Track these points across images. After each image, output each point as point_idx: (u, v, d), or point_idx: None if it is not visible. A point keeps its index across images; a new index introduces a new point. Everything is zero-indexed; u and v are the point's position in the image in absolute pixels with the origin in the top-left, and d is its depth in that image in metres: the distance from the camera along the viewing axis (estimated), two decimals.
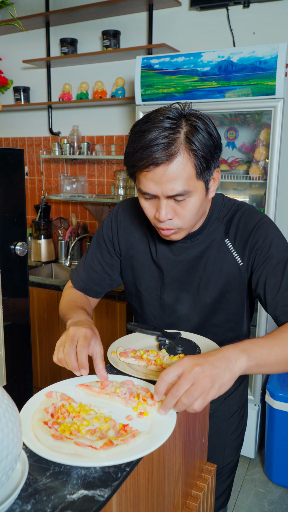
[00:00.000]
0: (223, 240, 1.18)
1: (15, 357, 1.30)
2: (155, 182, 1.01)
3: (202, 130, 1.01)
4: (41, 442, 0.74)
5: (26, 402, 0.86)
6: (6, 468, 0.60)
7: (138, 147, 0.99)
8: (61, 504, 0.62)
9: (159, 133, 0.98)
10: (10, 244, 1.17)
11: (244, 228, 1.16)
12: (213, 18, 2.73)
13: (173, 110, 1.03)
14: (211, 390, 0.78)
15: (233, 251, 1.17)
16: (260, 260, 1.12)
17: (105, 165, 3.30)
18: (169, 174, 0.99)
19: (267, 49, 2.12)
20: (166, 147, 0.97)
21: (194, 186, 1.03)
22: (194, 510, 1.03)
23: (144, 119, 1.04)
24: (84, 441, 0.73)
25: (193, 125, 1.01)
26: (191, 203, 1.05)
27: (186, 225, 1.08)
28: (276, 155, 2.20)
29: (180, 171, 1.00)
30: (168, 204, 1.04)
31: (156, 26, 2.92)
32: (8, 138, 3.71)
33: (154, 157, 0.97)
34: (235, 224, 1.17)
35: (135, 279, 1.30)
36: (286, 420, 2.27)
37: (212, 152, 1.03)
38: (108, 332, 2.73)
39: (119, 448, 0.73)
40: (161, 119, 1.00)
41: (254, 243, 1.14)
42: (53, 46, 3.33)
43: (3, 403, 0.61)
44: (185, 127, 1.00)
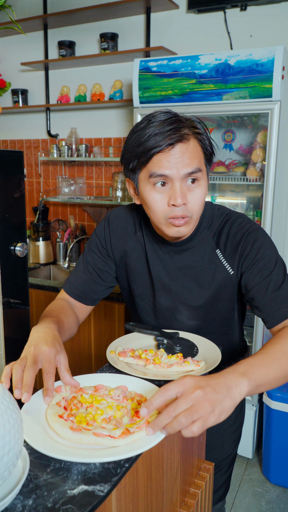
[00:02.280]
0: (214, 251, 1.20)
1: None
2: (170, 163, 1.05)
3: (201, 129, 1.10)
4: (60, 435, 0.76)
5: None
6: (8, 464, 0.61)
7: (152, 133, 1.04)
8: (62, 499, 0.63)
9: (164, 122, 1.05)
10: (10, 245, 1.18)
11: (233, 238, 1.18)
12: (211, 21, 2.75)
13: (171, 111, 1.09)
14: (210, 415, 0.75)
15: (223, 261, 1.19)
16: (248, 264, 1.15)
17: (103, 167, 3.31)
18: (183, 153, 1.05)
19: (264, 52, 2.14)
20: (178, 130, 1.04)
21: (203, 168, 1.10)
22: (192, 507, 1.04)
23: (144, 120, 1.09)
24: (102, 431, 0.76)
25: (193, 126, 1.09)
26: (200, 188, 1.10)
27: (196, 213, 1.11)
28: (273, 157, 2.21)
29: (193, 150, 1.07)
30: (182, 188, 1.07)
31: (154, 29, 2.94)
32: (6, 140, 3.72)
33: (169, 138, 1.03)
34: (225, 235, 1.20)
35: (129, 285, 1.32)
36: (284, 420, 2.28)
37: (210, 143, 1.11)
38: (107, 334, 2.74)
39: (136, 436, 0.75)
40: (162, 115, 1.07)
41: (243, 250, 1.16)
42: (51, 49, 3.35)
43: (5, 400, 0.63)
44: (185, 120, 1.09)
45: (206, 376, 0.82)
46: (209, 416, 0.75)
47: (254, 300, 1.13)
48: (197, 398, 0.75)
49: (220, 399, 0.77)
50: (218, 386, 0.78)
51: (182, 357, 1.09)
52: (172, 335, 1.19)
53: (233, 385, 0.80)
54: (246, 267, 1.15)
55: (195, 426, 0.73)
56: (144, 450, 0.73)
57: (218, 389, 0.78)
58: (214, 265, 1.20)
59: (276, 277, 1.11)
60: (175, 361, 1.07)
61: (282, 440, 2.30)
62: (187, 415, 0.73)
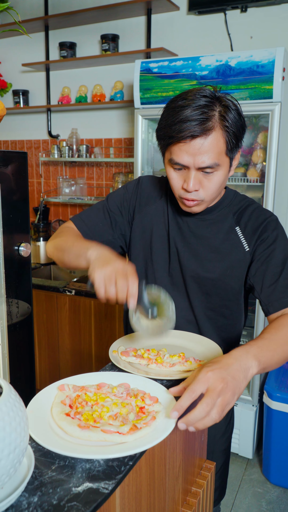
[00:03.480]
0: (233, 228, 1.25)
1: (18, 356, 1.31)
2: (189, 154, 1.08)
3: (233, 110, 1.10)
4: (69, 433, 0.77)
5: (28, 400, 0.87)
6: (14, 461, 0.61)
7: (176, 120, 1.06)
8: (67, 496, 0.64)
9: (197, 109, 1.05)
10: (14, 245, 1.19)
11: (256, 219, 1.23)
12: (211, 22, 2.76)
13: (207, 90, 1.10)
14: (231, 401, 0.80)
15: (241, 237, 1.23)
16: (263, 248, 1.19)
17: (103, 167, 3.32)
18: (204, 147, 1.06)
19: (265, 53, 2.15)
20: (203, 122, 1.05)
21: (222, 161, 1.11)
22: (194, 506, 1.05)
23: (181, 96, 1.11)
24: (110, 428, 0.77)
25: (226, 105, 1.09)
26: (217, 177, 1.12)
27: (209, 197, 1.16)
28: (273, 158, 2.22)
29: (214, 145, 1.07)
30: (197, 176, 1.11)
31: (155, 30, 2.95)
32: (7, 141, 3.73)
33: (193, 130, 1.04)
34: (247, 216, 1.24)
35: (145, 247, 1.33)
36: (284, 421, 2.28)
37: (240, 131, 1.12)
38: (107, 334, 2.75)
39: (144, 431, 0.77)
40: (198, 97, 1.08)
41: (262, 233, 1.21)
42: (52, 50, 3.36)
43: (11, 397, 0.63)
44: (219, 106, 1.08)
45: (222, 362, 0.85)
46: (231, 402, 0.80)
47: (264, 283, 1.16)
48: (223, 391, 0.79)
49: (239, 385, 0.83)
50: (237, 373, 0.83)
51: (184, 357, 1.10)
52: None
53: (248, 368, 0.86)
54: (260, 252, 1.19)
55: (218, 414, 0.78)
56: (154, 445, 0.75)
57: (237, 375, 0.83)
58: (231, 240, 1.24)
59: (287, 269, 1.16)
60: (178, 361, 1.08)
61: (282, 441, 2.31)
62: (219, 410, 0.78)
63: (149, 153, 2.70)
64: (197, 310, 1.30)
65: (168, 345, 1.21)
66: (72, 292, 2.82)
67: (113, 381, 0.98)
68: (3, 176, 1.17)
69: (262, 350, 0.91)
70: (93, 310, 2.78)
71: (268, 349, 0.93)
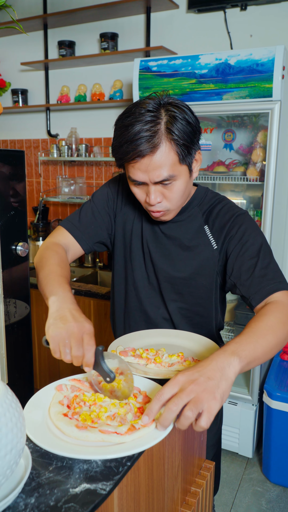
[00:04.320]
0: (202, 227, 1.26)
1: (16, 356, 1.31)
2: (142, 171, 1.09)
3: (180, 119, 1.08)
4: (66, 434, 0.77)
5: (27, 401, 0.87)
6: (11, 462, 0.61)
7: (123, 141, 1.07)
8: (64, 497, 0.63)
9: (141, 126, 1.05)
10: (11, 245, 1.18)
11: (223, 216, 1.24)
12: (211, 20, 2.75)
13: (152, 102, 1.09)
14: (212, 402, 0.76)
15: (210, 236, 1.25)
16: (234, 244, 1.20)
17: (103, 167, 3.32)
18: (154, 163, 1.07)
19: (264, 52, 2.15)
20: (149, 139, 1.05)
21: (178, 170, 1.11)
22: (193, 506, 1.04)
23: (126, 113, 1.10)
24: (108, 428, 0.76)
25: (172, 115, 1.08)
26: (177, 186, 1.13)
27: (174, 206, 1.17)
28: (273, 157, 2.22)
29: (164, 159, 1.07)
30: (156, 189, 1.13)
31: (154, 29, 2.94)
32: (6, 140, 3.72)
33: (139, 150, 1.05)
34: (215, 214, 1.26)
35: (125, 246, 1.35)
36: (284, 420, 2.28)
37: (191, 138, 1.11)
38: (107, 333, 2.75)
39: (142, 431, 0.77)
40: (142, 112, 1.07)
41: (230, 230, 1.21)
42: (51, 49, 3.35)
43: (7, 398, 0.63)
44: (165, 117, 1.07)
45: (197, 365, 0.83)
46: (211, 404, 0.76)
47: (241, 277, 1.15)
48: (195, 391, 0.76)
49: (216, 384, 0.78)
50: (211, 372, 0.80)
51: (183, 356, 1.09)
52: None
53: (226, 366, 0.82)
54: (233, 249, 1.20)
55: (202, 421, 0.75)
56: (152, 445, 0.75)
57: (212, 375, 0.79)
58: (200, 239, 1.25)
59: (262, 259, 1.15)
60: (176, 360, 1.07)
61: (282, 440, 2.31)
62: (192, 407, 0.75)
63: None
64: (171, 309, 1.32)
65: (166, 344, 1.20)
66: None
67: None
68: (0, 175, 1.16)
69: (241, 345, 0.88)
70: (93, 310, 2.78)
71: (249, 342, 0.90)
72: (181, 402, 0.76)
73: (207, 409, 0.75)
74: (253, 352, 0.89)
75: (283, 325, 0.99)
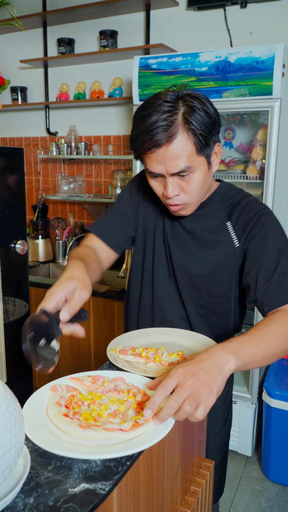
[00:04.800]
0: (224, 223, 1.24)
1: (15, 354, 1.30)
2: (159, 162, 1.08)
3: (198, 109, 1.07)
4: (70, 434, 0.76)
5: (26, 399, 0.87)
6: (9, 462, 0.60)
7: (140, 132, 1.07)
8: (63, 497, 0.63)
9: (158, 116, 1.04)
10: (10, 243, 1.17)
11: (246, 214, 1.21)
12: (211, 18, 2.74)
13: (170, 94, 1.09)
14: (209, 396, 0.78)
15: (232, 233, 1.22)
16: (255, 245, 1.17)
17: (102, 165, 3.31)
18: (171, 153, 1.06)
19: (264, 49, 2.14)
20: (165, 129, 1.04)
21: (196, 162, 1.09)
22: (192, 505, 1.04)
23: (144, 105, 1.10)
24: (112, 426, 0.76)
25: (190, 106, 1.07)
26: (195, 178, 1.11)
27: (193, 199, 1.15)
28: (273, 155, 2.21)
29: (180, 150, 1.06)
30: (174, 181, 1.11)
31: (154, 26, 2.93)
32: (5, 138, 3.71)
33: (155, 140, 1.04)
34: (238, 210, 1.23)
35: (147, 240, 1.34)
36: (283, 418, 2.28)
37: (210, 129, 1.09)
38: (106, 332, 2.74)
39: (146, 427, 0.77)
40: (160, 103, 1.06)
41: (253, 228, 1.19)
42: (50, 46, 3.34)
43: (6, 397, 0.62)
44: (183, 108, 1.06)
45: (195, 359, 0.84)
46: (209, 397, 0.78)
47: (258, 281, 1.13)
48: (194, 385, 0.78)
49: (214, 379, 0.80)
50: (210, 367, 0.82)
51: (183, 355, 1.09)
52: None
53: (223, 362, 0.84)
54: (253, 249, 1.17)
55: (198, 412, 0.77)
56: (159, 440, 0.75)
57: (210, 369, 0.81)
58: (221, 235, 1.23)
59: (281, 265, 1.12)
60: (176, 359, 1.07)
61: (281, 438, 2.31)
62: (191, 402, 0.77)
63: None
64: (188, 307, 1.30)
65: (166, 343, 1.20)
66: None
67: None
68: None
69: (243, 345, 0.89)
70: (92, 308, 2.77)
71: (251, 344, 0.90)
72: (181, 398, 0.77)
73: (204, 402, 0.77)
74: (253, 355, 0.90)
75: None
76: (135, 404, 0.85)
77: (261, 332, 0.96)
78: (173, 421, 0.80)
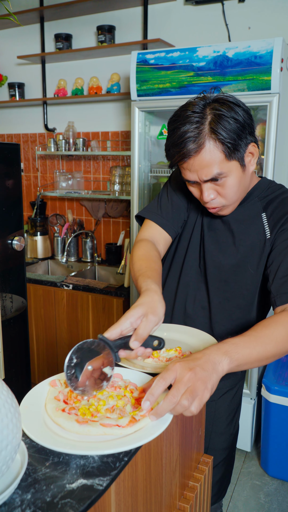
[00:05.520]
0: (259, 214, 1.26)
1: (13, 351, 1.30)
2: (191, 171, 1.13)
3: (226, 116, 1.08)
4: (67, 429, 0.76)
5: (24, 396, 0.86)
6: (6, 458, 0.60)
7: (170, 145, 1.12)
8: (61, 493, 0.63)
9: (186, 128, 1.08)
10: (7, 239, 1.17)
11: (282, 208, 1.23)
12: (209, 13, 2.73)
13: (198, 102, 1.10)
14: (205, 392, 0.80)
15: (266, 224, 1.24)
16: (283, 239, 1.19)
17: (100, 161, 3.30)
18: (201, 163, 1.10)
19: (263, 44, 2.13)
20: (193, 141, 1.08)
21: (227, 167, 1.12)
22: (191, 501, 1.04)
23: (174, 116, 1.14)
24: (109, 422, 0.76)
25: (217, 114, 1.08)
26: (229, 182, 1.14)
27: (230, 201, 1.19)
28: (271, 151, 2.20)
29: (210, 158, 1.09)
30: (209, 187, 1.15)
31: (152, 21, 2.92)
32: (3, 134, 3.70)
33: (184, 152, 1.09)
34: (276, 203, 1.25)
35: (186, 227, 1.36)
36: (282, 414, 2.28)
37: (239, 134, 1.10)
38: (105, 328, 2.74)
39: (143, 422, 0.77)
40: (188, 114, 1.09)
41: (285, 222, 1.20)
42: (47, 42, 3.32)
43: (2, 394, 0.62)
44: (209, 116, 1.08)
45: (191, 357, 0.86)
46: (204, 393, 0.80)
47: (277, 273, 1.16)
48: (191, 380, 0.80)
49: (209, 376, 0.83)
50: (205, 364, 0.84)
51: (181, 351, 1.09)
52: None
53: (217, 362, 0.86)
54: (279, 243, 1.19)
55: (193, 406, 0.79)
56: (156, 436, 0.75)
57: (206, 367, 0.83)
58: (255, 226, 1.25)
59: None
60: (174, 355, 1.07)
61: (280, 433, 2.31)
62: (188, 397, 0.78)
63: (146, 146, 2.68)
64: (213, 298, 1.30)
65: (164, 339, 1.19)
66: (69, 287, 2.81)
67: None
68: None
69: (237, 347, 0.90)
70: (91, 304, 2.77)
71: (246, 346, 0.91)
72: (180, 393, 0.79)
73: (199, 397, 0.80)
74: (247, 357, 0.91)
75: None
76: (133, 399, 0.85)
77: (259, 334, 0.96)
78: (171, 417, 0.80)
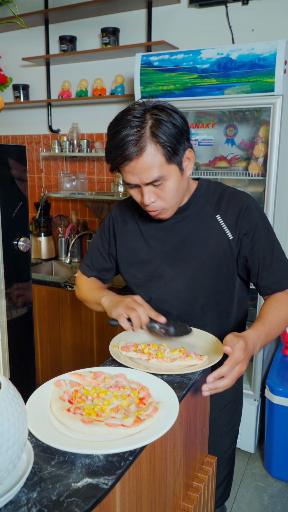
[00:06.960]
0: (213, 216, 1.28)
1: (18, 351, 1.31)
2: (132, 174, 1.14)
3: (165, 121, 1.11)
4: (72, 429, 0.77)
5: (29, 396, 0.87)
6: (13, 457, 0.61)
7: (111, 147, 1.13)
8: (66, 491, 0.63)
9: (127, 132, 1.10)
10: (13, 240, 1.18)
11: (233, 207, 1.27)
12: (212, 15, 2.74)
13: (138, 108, 1.14)
14: None
15: (224, 225, 1.27)
16: (248, 240, 1.26)
17: (104, 162, 3.31)
18: (142, 165, 1.12)
19: (266, 46, 2.13)
20: (134, 144, 1.10)
21: (167, 170, 1.15)
22: (195, 501, 1.04)
23: (114, 121, 1.16)
24: (114, 421, 0.77)
25: (157, 119, 1.11)
26: (168, 185, 1.17)
27: (169, 204, 1.21)
28: (275, 152, 2.21)
29: (151, 161, 1.11)
30: (149, 190, 1.17)
31: (155, 24, 2.92)
32: (7, 136, 3.71)
33: (126, 154, 1.10)
34: (225, 202, 1.28)
35: (134, 263, 1.38)
36: (286, 415, 2.28)
37: (178, 139, 1.13)
38: (109, 328, 2.75)
39: (148, 422, 0.78)
40: (128, 118, 1.12)
41: (243, 224, 1.25)
42: (52, 44, 3.34)
43: (9, 393, 0.63)
44: (150, 121, 1.11)
45: (245, 337, 1.03)
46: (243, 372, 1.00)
47: (260, 271, 1.26)
48: (243, 361, 0.99)
49: (248, 359, 1.02)
50: (252, 348, 1.04)
51: (185, 352, 1.09)
52: None
53: (255, 348, 1.07)
54: (247, 244, 1.26)
55: (231, 381, 0.97)
56: (160, 435, 0.75)
57: (251, 351, 1.04)
58: (214, 228, 1.28)
59: (276, 250, 1.27)
60: (178, 356, 1.07)
61: (284, 435, 2.31)
62: (233, 379, 0.96)
63: None
64: (194, 303, 1.31)
65: (168, 340, 1.20)
66: (73, 288, 2.82)
67: None
68: (1, 170, 1.16)
69: (268, 336, 1.13)
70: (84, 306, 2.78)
71: (268, 336, 1.13)
72: (236, 364, 0.97)
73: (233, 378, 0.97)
74: (264, 343, 1.12)
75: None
76: (137, 399, 0.86)
77: (276, 319, 1.17)
78: (175, 417, 0.81)
